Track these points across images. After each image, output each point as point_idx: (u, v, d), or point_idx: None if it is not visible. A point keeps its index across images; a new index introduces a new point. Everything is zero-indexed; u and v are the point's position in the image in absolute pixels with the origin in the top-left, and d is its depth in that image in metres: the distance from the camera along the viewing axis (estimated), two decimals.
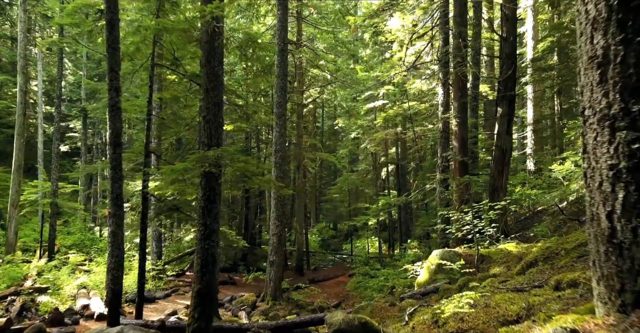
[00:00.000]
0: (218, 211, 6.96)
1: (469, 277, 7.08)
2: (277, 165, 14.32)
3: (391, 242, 26.67)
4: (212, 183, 6.87)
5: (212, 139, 6.95)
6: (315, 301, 15.13)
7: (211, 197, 6.88)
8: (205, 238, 6.79)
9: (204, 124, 7.00)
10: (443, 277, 8.26)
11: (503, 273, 6.83)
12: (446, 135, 13.44)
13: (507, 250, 8.33)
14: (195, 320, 6.47)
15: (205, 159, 6.36)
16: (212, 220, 6.86)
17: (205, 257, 6.74)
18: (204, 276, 6.68)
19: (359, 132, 26.26)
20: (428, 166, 22.71)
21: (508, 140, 12.17)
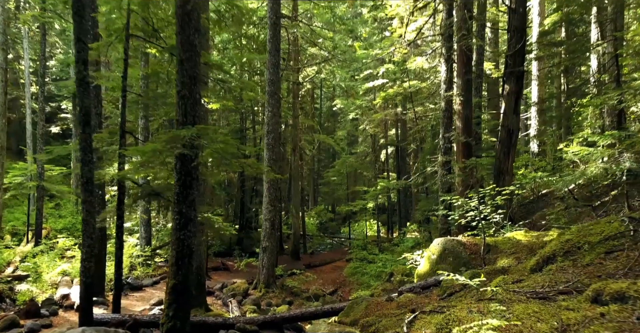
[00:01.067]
0: (196, 197, 6.22)
1: (474, 271, 6.39)
2: (269, 147, 13.55)
3: (390, 225, 26.08)
4: (188, 167, 6.12)
5: (187, 116, 6.16)
6: (311, 288, 14.56)
7: (187, 182, 6.14)
8: (181, 228, 6.08)
9: (179, 99, 6.21)
10: (445, 267, 7.58)
11: (513, 266, 6.13)
12: (449, 114, 12.63)
13: (515, 239, 7.64)
14: (170, 319, 5.81)
15: (178, 139, 5.60)
16: (189, 207, 6.14)
17: (181, 248, 6.04)
18: (179, 270, 5.99)
19: (358, 112, 25.40)
20: (429, 148, 21.93)
21: (515, 120, 11.38)
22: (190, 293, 6.09)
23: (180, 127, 6.02)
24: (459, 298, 5.47)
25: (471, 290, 5.68)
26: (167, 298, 5.95)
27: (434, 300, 6.26)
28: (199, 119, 6.32)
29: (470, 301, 4.74)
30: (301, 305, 13.12)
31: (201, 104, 6.31)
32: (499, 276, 5.87)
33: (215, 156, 6.10)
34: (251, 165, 6.59)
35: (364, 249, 20.21)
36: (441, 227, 12.12)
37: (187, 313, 5.96)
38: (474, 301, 4.58)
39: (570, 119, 20.13)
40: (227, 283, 14.11)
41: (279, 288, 13.93)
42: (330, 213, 34.54)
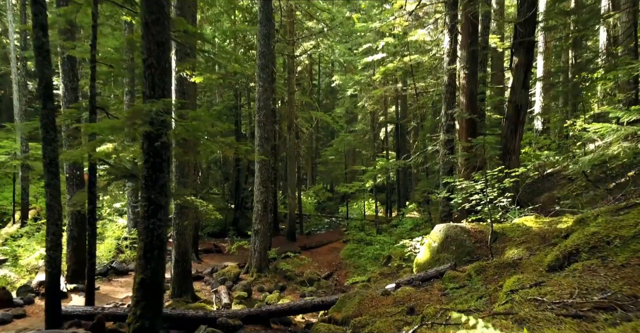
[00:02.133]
0: (167, 182, 5.47)
1: (480, 263, 5.69)
2: (261, 124, 12.74)
3: (388, 204, 25.44)
4: (156, 147, 5.35)
5: (155, 89, 5.35)
6: (305, 272, 14.00)
7: (156, 164, 5.38)
8: (150, 216, 5.35)
9: (145, 69, 5.38)
10: (448, 257, 6.92)
11: (525, 259, 5.43)
12: (452, 89, 11.76)
13: (525, 226, 6.93)
14: (137, 319, 5.14)
15: (141, 114, 4.81)
16: (158, 193, 5.39)
17: (150, 239, 5.33)
18: (148, 263, 5.29)
19: (357, 88, 24.41)
20: (429, 126, 21.07)
21: (524, 95, 10.54)
22: (161, 289, 5.41)
23: (148, 101, 5.23)
24: (464, 298, 4.79)
25: (478, 288, 5.00)
26: (134, 294, 5.27)
27: (436, 295, 5.59)
28: (169, 92, 5.52)
29: (479, 305, 4.05)
30: (294, 290, 12.57)
31: (171, 74, 5.50)
32: (509, 271, 5.19)
33: (188, 135, 5.32)
34: (231, 145, 5.82)
35: (362, 230, 19.63)
36: (442, 210, 11.43)
37: (157, 312, 5.30)
38: (485, 306, 3.90)
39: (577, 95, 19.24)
40: (218, 268, 13.52)
41: (272, 272, 13.35)
42: (329, 192, 33.90)
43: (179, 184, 9.81)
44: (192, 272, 13.15)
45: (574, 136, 18.05)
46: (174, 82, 9.82)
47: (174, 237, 9.92)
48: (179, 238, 9.87)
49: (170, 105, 5.09)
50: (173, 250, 9.95)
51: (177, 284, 9.88)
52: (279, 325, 7.09)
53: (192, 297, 9.96)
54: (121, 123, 4.91)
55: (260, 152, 12.64)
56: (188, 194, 8.30)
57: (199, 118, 5.29)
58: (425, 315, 4.21)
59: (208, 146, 5.63)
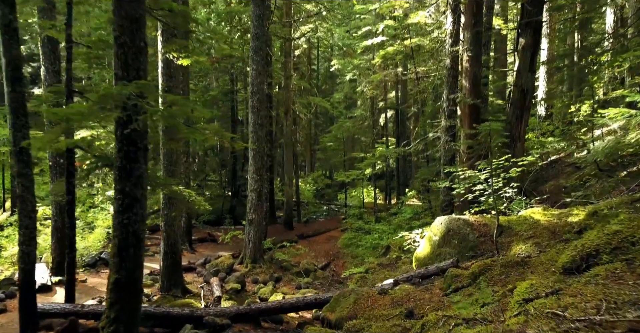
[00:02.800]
0: (143, 173, 4.99)
1: (485, 261, 5.25)
2: (254, 110, 12.20)
3: (388, 191, 24.98)
4: (131, 135, 4.86)
5: (128, 70, 4.84)
6: (302, 262, 13.62)
7: (131, 153, 4.89)
8: (125, 210, 4.88)
9: (117, 48, 4.86)
10: (450, 252, 6.48)
11: (535, 257, 4.98)
12: (454, 73, 11.20)
13: (532, 219, 6.48)
14: (111, 323, 4.71)
15: (111, 98, 4.30)
16: (134, 185, 4.92)
17: (125, 236, 4.87)
18: (123, 262, 4.84)
19: (356, 73, 23.78)
20: (430, 112, 20.51)
21: (530, 79, 10.02)
22: (138, 290, 4.97)
23: (119, 84, 4.71)
24: (469, 301, 4.35)
25: (483, 290, 4.56)
26: (108, 296, 4.84)
27: (437, 296, 5.16)
28: (145, 74, 4.99)
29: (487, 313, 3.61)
30: (290, 281, 12.19)
31: (146, 53, 4.96)
32: (517, 270, 4.75)
33: (165, 121, 4.82)
34: (217, 132, 5.32)
35: (360, 218, 19.22)
36: (443, 199, 10.98)
37: (133, 315, 4.87)
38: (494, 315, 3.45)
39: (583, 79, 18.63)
40: (211, 258, 13.13)
41: (267, 262, 12.96)
42: (328, 179, 33.45)
43: (167, 173, 9.33)
44: (185, 262, 12.79)
45: (579, 122, 17.54)
46: (160, 65, 9.28)
47: (163, 228, 9.49)
48: (167, 230, 9.43)
49: (146, 88, 4.57)
50: (162, 241, 9.54)
51: (166, 277, 9.48)
52: (269, 324, 6.69)
53: (182, 290, 9.57)
54: (89, 108, 4.41)
55: (254, 139, 12.14)
56: (176, 184, 7.82)
57: (177, 103, 4.78)
58: (425, 323, 3.77)
59: (189, 134, 5.13)
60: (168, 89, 9.19)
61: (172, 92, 9.25)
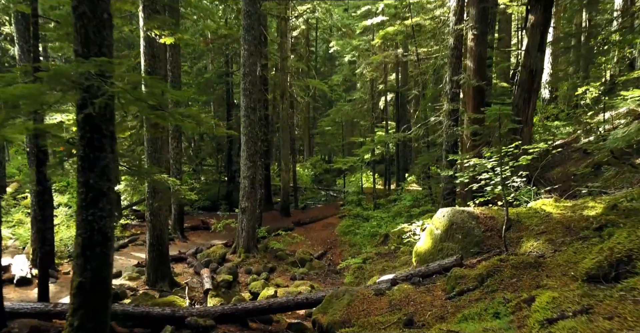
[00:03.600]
0: (109, 163, 4.42)
1: (493, 261, 4.72)
2: (246, 92, 11.56)
3: (387, 176, 24.42)
4: (95, 120, 4.28)
5: (89, 46, 4.22)
6: (297, 251, 13.16)
7: (95, 141, 4.32)
8: (89, 205, 4.33)
9: (75, 20, 4.24)
10: (453, 247, 5.96)
11: (550, 257, 4.45)
12: (458, 53, 10.50)
13: (543, 211, 5.94)
14: (75, 331, 4.21)
15: (62, 77, 3.71)
16: (99, 176, 4.36)
17: (90, 234, 4.33)
18: (87, 263, 4.31)
19: (355, 54, 22.99)
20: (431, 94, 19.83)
21: (540, 59, 9.37)
22: (106, 294, 4.46)
23: (78, 61, 4.11)
24: (476, 309, 3.83)
25: (493, 297, 4.04)
26: (72, 301, 4.32)
27: (439, 299, 4.65)
28: (109, 50, 4.38)
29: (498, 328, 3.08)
30: (285, 271, 11.75)
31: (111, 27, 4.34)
32: (530, 273, 4.22)
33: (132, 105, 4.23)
34: (194, 117, 4.73)
35: (359, 205, 18.73)
36: (445, 187, 10.43)
37: (100, 323, 4.36)
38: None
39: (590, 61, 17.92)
40: (203, 247, 12.65)
41: (262, 251, 12.51)
42: (327, 164, 32.87)
43: (151, 160, 8.76)
44: (175, 252, 12.33)
45: (586, 105, 16.89)
46: (142, 44, 8.61)
47: (148, 219, 8.97)
48: (153, 220, 8.91)
49: (108, 66, 3.97)
50: (147, 232, 9.03)
51: (152, 270, 9.00)
52: (258, 324, 6.22)
53: (169, 283, 9.11)
54: (37, 89, 3.81)
55: (246, 124, 11.54)
56: (159, 172, 7.25)
57: (145, 83, 4.18)
58: None
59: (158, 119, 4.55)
60: (151, 70, 8.55)
61: (156, 73, 8.63)
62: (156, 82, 4.23)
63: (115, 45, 15.54)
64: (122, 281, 9.15)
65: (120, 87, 3.79)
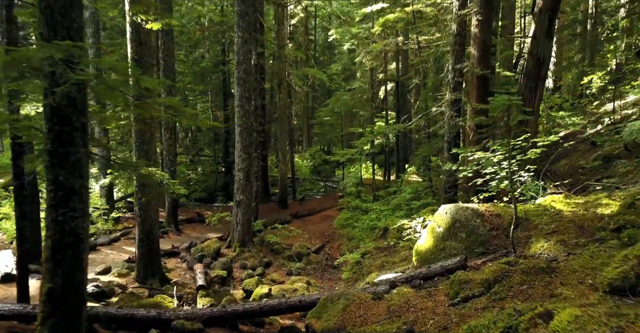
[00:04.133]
0: (81, 158, 4.02)
1: (501, 265, 4.35)
2: (240, 81, 11.12)
3: (387, 166, 24.03)
4: (64, 111, 3.88)
5: (55, 29, 3.80)
6: (294, 244, 12.82)
7: (65, 134, 3.92)
8: (59, 204, 3.95)
9: (40, 0, 3.81)
10: (456, 247, 5.60)
11: (563, 261, 4.08)
12: (461, 40, 10.03)
13: (553, 209, 5.56)
14: None
15: (20, 63, 3.30)
16: (70, 173, 3.96)
17: (60, 235, 3.95)
18: (58, 267, 3.94)
19: (354, 42, 22.45)
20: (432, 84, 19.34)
21: (548, 46, 8.94)
22: (80, 301, 4.09)
23: (43, 45, 3.69)
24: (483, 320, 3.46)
25: (502, 307, 3.67)
26: (41, 309, 3.96)
27: (442, 306, 4.29)
28: (79, 34, 3.96)
29: None
30: (281, 266, 11.42)
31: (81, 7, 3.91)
32: (542, 280, 3.85)
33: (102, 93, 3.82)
34: (175, 108, 4.32)
35: (358, 197, 18.36)
36: (446, 180, 10.04)
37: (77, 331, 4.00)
38: None
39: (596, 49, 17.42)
40: (197, 241, 12.31)
41: (258, 245, 12.16)
42: (326, 154, 32.43)
43: (139, 153, 8.38)
44: (169, 246, 11.99)
45: (591, 94, 16.44)
46: (129, 30, 8.17)
47: (137, 213, 8.61)
48: (142, 215, 8.55)
49: (75, 51, 3.55)
50: (137, 227, 8.67)
51: (142, 266, 8.66)
52: (249, 327, 5.88)
53: (160, 280, 8.77)
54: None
55: (241, 114, 11.12)
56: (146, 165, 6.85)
57: (116, 69, 3.78)
58: None
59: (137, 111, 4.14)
60: (138, 58, 8.12)
61: (144, 61, 8.19)
62: (131, 68, 3.82)
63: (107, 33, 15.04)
64: (111, 277, 8.81)
65: (88, 75, 3.37)
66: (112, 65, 3.83)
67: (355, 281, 9.90)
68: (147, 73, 8.25)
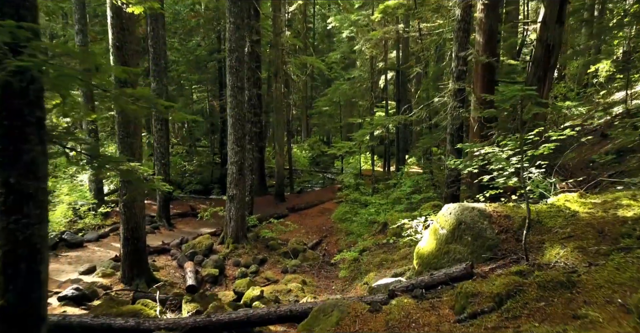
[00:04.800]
0: (37, 157, 3.52)
1: (513, 277, 3.87)
2: (232, 70, 10.57)
3: (387, 157, 23.52)
4: (14, 104, 3.38)
5: (3, 7, 3.28)
6: (290, 240, 12.40)
7: (15, 129, 3.42)
8: (10, 210, 3.46)
9: None
10: (461, 251, 5.12)
11: (583, 272, 3.59)
12: (465, 26, 9.46)
13: (568, 210, 5.07)
14: None
15: None
16: (23, 175, 3.47)
17: (13, 246, 3.47)
18: (10, 283, 3.46)
19: (353, 30, 21.78)
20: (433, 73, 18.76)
21: (558, 32, 8.36)
22: (37, 319, 3.62)
23: None
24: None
25: (516, 326, 3.20)
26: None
27: (446, 321, 3.83)
28: (32, 16, 3.44)
29: None
30: (276, 263, 10.99)
31: None
32: (562, 296, 3.37)
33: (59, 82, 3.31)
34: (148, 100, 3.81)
35: (357, 189, 17.88)
36: (449, 174, 9.55)
37: None
38: None
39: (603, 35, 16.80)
40: (189, 237, 11.85)
41: (252, 241, 11.73)
42: (325, 145, 31.88)
43: (123, 146, 7.88)
44: (159, 242, 11.56)
45: (599, 83, 15.88)
46: (109, 13, 7.62)
47: (122, 211, 8.14)
48: (127, 212, 8.08)
49: (22, 33, 3.02)
50: (121, 225, 8.21)
51: (127, 266, 8.21)
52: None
53: (147, 280, 8.33)
54: None
55: (233, 105, 10.59)
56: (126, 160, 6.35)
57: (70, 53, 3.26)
58: None
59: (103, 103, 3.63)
60: (120, 45, 7.57)
61: (126, 48, 7.65)
62: (86, 54, 3.30)
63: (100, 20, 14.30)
64: (95, 278, 8.37)
65: (32, 60, 2.86)
66: (66, 51, 3.31)
67: (352, 280, 9.47)
68: (131, 61, 7.72)
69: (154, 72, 12.67)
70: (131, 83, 7.65)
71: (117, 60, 7.50)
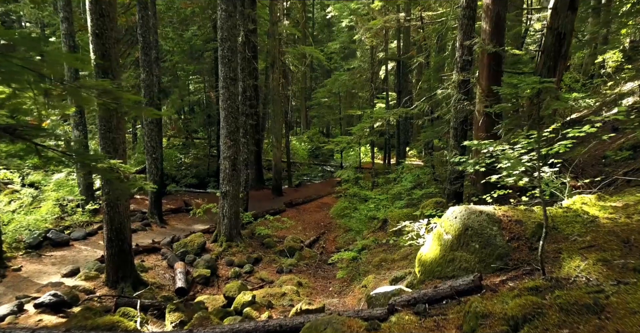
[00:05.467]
0: None
1: (530, 297, 3.40)
2: (224, 60, 10.03)
3: (387, 150, 23.01)
4: None
5: None
6: (287, 237, 11.97)
7: None
8: None
9: None
10: (468, 259, 4.65)
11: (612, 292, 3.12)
12: (471, 13, 8.90)
13: (586, 215, 4.59)
14: None
15: None
16: None
17: None
18: None
19: (352, 19, 21.15)
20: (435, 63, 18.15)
21: (570, 20, 7.81)
22: None
23: None
24: None
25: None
26: None
27: None
28: None
29: None
30: (271, 262, 10.57)
31: None
32: (589, 324, 2.90)
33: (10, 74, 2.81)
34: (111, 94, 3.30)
35: (356, 183, 17.42)
36: (452, 170, 9.06)
37: None
38: None
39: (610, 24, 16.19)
40: (181, 235, 11.39)
41: (247, 239, 11.29)
42: (324, 136, 31.33)
43: (104, 142, 7.37)
44: (149, 240, 11.12)
45: (606, 74, 15.34)
46: None
47: (105, 210, 7.66)
48: (110, 212, 7.60)
49: None
50: (105, 226, 7.73)
51: (111, 269, 7.76)
52: None
53: (133, 283, 7.89)
54: None
55: (225, 97, 10.08)
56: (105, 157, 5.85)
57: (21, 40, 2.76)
58: None
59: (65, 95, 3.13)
60: (100, 32, 7.04)
61: (106, 36, 7.11)
62: (31, 41, 2.80)
63: None
64: (78, 281, 7.91)
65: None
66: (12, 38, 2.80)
67: (350, 281, 9.04)
68: (112, 50, 7.19)
69: (143, 62, 12.12)
70: (113, 74, 7.15)
71: (96, 49, 6.97)
